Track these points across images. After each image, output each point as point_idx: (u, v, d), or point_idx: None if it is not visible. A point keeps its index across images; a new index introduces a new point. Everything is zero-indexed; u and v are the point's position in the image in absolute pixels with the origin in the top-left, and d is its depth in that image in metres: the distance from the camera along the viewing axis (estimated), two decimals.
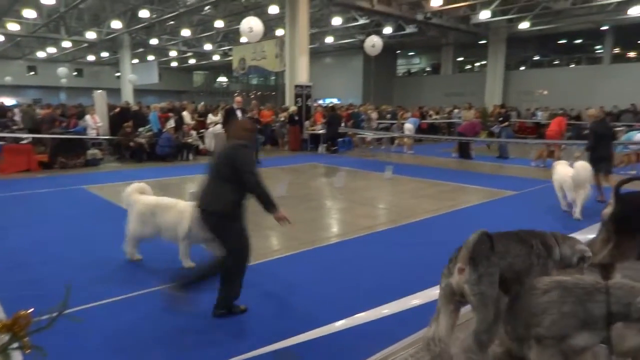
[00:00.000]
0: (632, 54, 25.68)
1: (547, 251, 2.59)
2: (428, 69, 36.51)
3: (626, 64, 25.24)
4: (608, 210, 3.47)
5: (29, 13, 20.70)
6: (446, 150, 15.59)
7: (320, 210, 7.44)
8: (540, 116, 22.53)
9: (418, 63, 37.43)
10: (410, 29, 24.84)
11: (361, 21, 24.01)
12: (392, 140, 17.66)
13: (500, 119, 14.92)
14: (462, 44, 31.25)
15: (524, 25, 23.65)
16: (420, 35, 27.05)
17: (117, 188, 9.06)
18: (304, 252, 5.10)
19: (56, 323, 1.40)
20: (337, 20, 22.96)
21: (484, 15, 21.70)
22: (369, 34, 21.60)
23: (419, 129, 19.72)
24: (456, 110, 22.82)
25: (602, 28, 24.93)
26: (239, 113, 10.94)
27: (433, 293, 2.93)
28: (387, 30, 24.95)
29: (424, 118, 21.39)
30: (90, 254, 5.02)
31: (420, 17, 21.66)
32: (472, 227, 6.29)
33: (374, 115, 18.67)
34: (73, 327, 1.48)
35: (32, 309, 1.36)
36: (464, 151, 14.07)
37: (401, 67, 37.71)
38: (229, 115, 11.05)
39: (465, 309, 2.65)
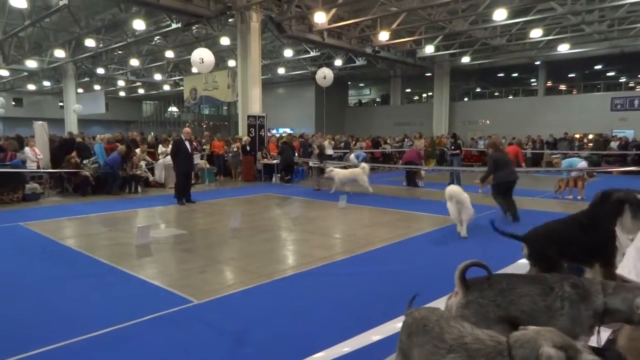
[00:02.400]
0: (562, 87, 27.83)
1: (579, 296, 2.29)
2: (378, 99, 37.78)
3: (557, 95, 27.29)
4: (525, 252, 3.60)
5: None
6: (397, 179, 15.97)
7: (275, 241, 7.33)
8: (483, 144, 23.70)
9: (368, 94, 38.67)
10: (360, 62, 25.74)
11: (312, 53, 24.62)
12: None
13: (452, 147, 15.55)
14: (409, 76, 32.72)
15: (465, 59, 25.19)
16: (370, 67, 28.09)
17: (58, 224, 8.56)
18: (260, 285, 4.96)
19: None
20: (288, 53, 23.40)
21: (429, 49, 22.93)
22: (320, 66, 22.16)
23: (373, 158, 20.18)
24: (406, 140, 23.60)
25: (536, 63, 26.98)
26: (187, 144, 10.73)
27: (393, 327, 2.91)
28: (338, 62, 25.73)
29: (377, 147, 21.94)
30: (27, 297, 4.63)
31: (369, 50, 22.54)
32: (428, 255, 6.45)
33: (326, 143, 18.88)
34: None
35: None
36: (411, 180, 14.49)
37: (352, 97, 38.80)
38: (177, 146, 10.80)
39: None
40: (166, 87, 35.70)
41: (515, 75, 29.58)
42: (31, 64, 25.54)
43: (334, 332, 3.66)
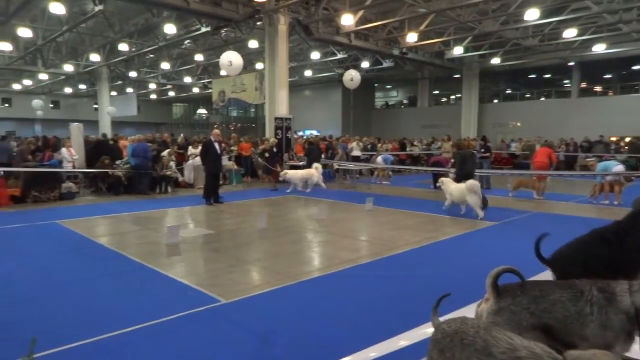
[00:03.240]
0: (597, 88, 26.91)
1: (607, 300, 2.20)
2: (405, 101, 37.43)
3: (592, 97, 26.41)
4: (552, 276, 3.48)
5: (5, 45, 20.52)
6: (424, 182, 15.79)
7: (301, 243, 7.36)
8: (515, 147, 23.19)
9: (395, 96, 38.37)
10: (387, 63, 25.58)
11: (339, 55, 24.62)
12: (372, 171, 17.83)
13: (482, 150, 15.28)
14: (437, 77, 32.31)
15: (496, 60, 24.68)
16: (397, 69, 27.89)
17: (92, 222, 8.84)
18: (286, 286, 4.99)
19: None
20: (315, 55, 23.48)
21: (457, 51, 22.57)
22: (347, 68, 22.16)
23: (399, 161, 20.03)
24: (434, 143, 23.32)
25: (569, 63, 26.18)
26: (216, 145, 10.92)
27: (421, 332, 2.87)
28: (365, 64, 25.64)
29: (403, 149, 21.77)
30: (63, 293, 4.80)
31: (396, 52, 22.37)
32: (456, 260, 6.35)
33: (354, 145, 18.84)
34: None
35: None
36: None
37: (379, 99, 38.58)
38: (206, 148, 11.00)
39: None
40: (195, 90, 36.38)
41: (547, 76, 28.79)
42: (68, 67, 26.51)
43: (360, 335, 3.65)
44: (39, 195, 11.10)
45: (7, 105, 39.31)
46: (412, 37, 18.98)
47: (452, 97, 33.63)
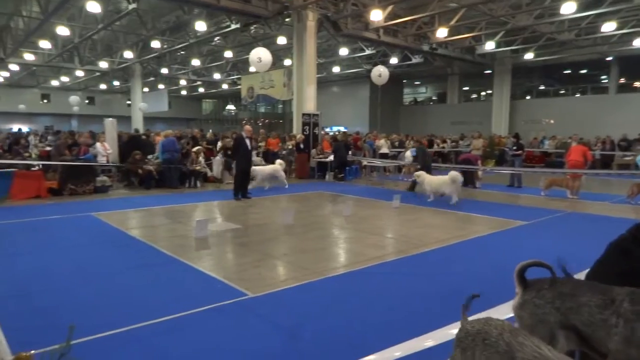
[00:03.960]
0: (638, 84, 25.80)
1: (636, 314, 2.05)
2: (434, 97, 36.89)
3: (632, 94, 25.33)
4: None
5: (44, 44, 21.30)
6: None
7: (327, 239, 7.37)
8: (548, 145, 22.51)
9: (424, 92, 37.86)
10: (416, 59, 25.25)
11: (368, 51, 24.44)
12: (399, 168, 17.68)
13: (514, 147, 14.94)
14: (467, 73, 31.67)
15: (529, 55, 24.01)
16: (426, 65, 27.48)
17: (125, 215, 9.10)
18: (313, 282, 5.02)
19: None
20: (344, 51, 23.38)
21: (489, 46, 22.04)
22: (375, 64, 21.97)
23: None
24: (461, 141, 22.91)
25: (607, 58, 25.20)
26: (247, 141, 11.05)
27: (448, 333, 2.82)
28: (394, 60, 25.37)
29: (431, 147, 21.49)
30: (97, 283, 4.97)
31: (426, 47, 22.04)
32: (486, 259, 6.23)
33: (382, 142, 18.72)
34: None
35: (33, 351, 1.32)
36: (468, 180, 14.03)
37: (407, 96, 38.15)
38: (238, 143, 11.15)
39: None
40: (225, 86, 36.86)
41: (583, 71, 27.78)
42: (103, 64, 27.31)
43: (385, 333, 3.63)
44: (75, 188, 11.50)
45: (46, 101, 40.87)
46: (442, 33, 18.66)
47: (483, 93, 32.91)
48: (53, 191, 11.29)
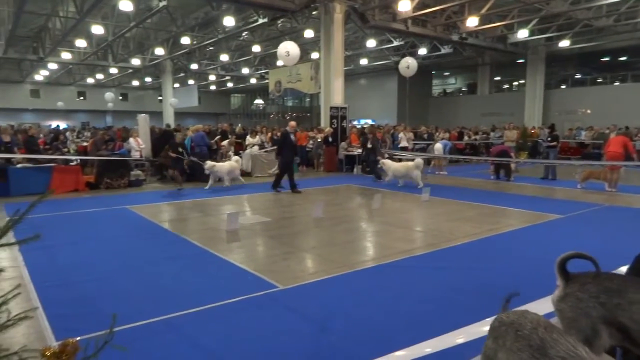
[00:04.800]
0: None
1: None
2: (464, 88, 36.15)
3: None
4: None
5: (81, 42, 22.01)
6: (483, 172, 15.25)
7: (356, 232, 7.38)
8: (584, 136, 21.73)
9: (454, 83, 37.14)
10: (445, 50, 24.76)
11: (396, 43, 24.13)
12: (428, 161, 17.44)
13: (549, 139, 14.53)
14: (499, 63, 30.84)
15: (564, 43, 23.14)
16: (456, 55, 26.93)
17: (158, 208, 9.36)
18: (342, 275, 5.04)
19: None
20: (371, 43, 23.17)
21: (522, 34, 21.39)
22: (403, 56, 21.70)
23: (456, 150, 19.45)
24: (492, 133, 22.39)
25: None
26: (292, 136, 11.37)
27: (479, 330, 2.77)
28: (422, 51, 24.98)
29: (461, 138, 21.10)
30: (134, 273, 5.15)
31: (455, 37, 21.58)
32: (519, 253, 6.11)
33: (401, 135, 18.44)
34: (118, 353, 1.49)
35: (79, 338, 1.38)
36: (504, 172, 13.72)
37: (436, 87, 37.52)
38: (284, 138, 11.39)
39: None
40: (253, 80, 37.17)
41: (623, 59, 26.58)
42: (135, 61, 28.00)
43: (415, 328, 3.62)
44: (110, 182, 11.89)
45: (82, 98, 42.28)
46: (472, 22, 18.22)
47: (515, 83, 32.00)
48: (90, 185, 11.71)
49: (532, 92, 27.15)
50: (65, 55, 26.03)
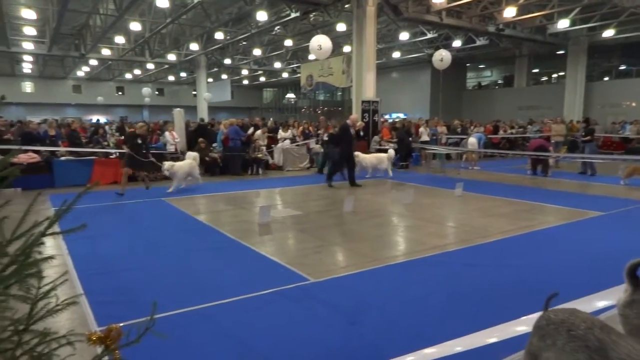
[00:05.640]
0: None
1: None
2: (500, 81, 35.16)
3: None
4: None
5: (119, 39, 22.71)
6: (519, 167, 14.83)
7: (387, 226, 7.34)
8: (629, 130, 20.76)
9: (489, 76, 36.18)
10: (481, 42, 24.12)
11: (429, 35, 23.70)
12: (461, 155, 17.12)
13: (583, 133, 13.98)
14: (537, 54, 29.80)
15: (608, 33, 22.09)
16: (492, 47, 26.20)
17: (192, 200, 9.59)
18: (373, 269, 5.04)
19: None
20: (404, 36, 22.84)
21: (563, 24, 20.57)
22: (437, 48, 21.27)
23: (491, 144, 19.00)
24: (529, 127, 21.71)
25: None
26: (352, 130, 11.36)
27: (513, 330, 2.70)
28: (457, 43, 24.42)
29: (496, 132, 20.58)
30: (169, 263, 5.31)
31: (492, 28, 20.99)
32: (556, 251, 5.93)
33: (422, 130, 18.13)
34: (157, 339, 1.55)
35: (122, 324, 1.45)
36: (541, 167, 13.30)
37: (471, 80, 36.66)
38: (343, 132, 11.40)
39: None
40: (284, 75, 37.37)
41: None
42: (171, 57, 28.67)
43: (447, 326, 3.59)
44: (147, 175, 12.23)
45: (120, 93, 43.70)
46: (510, 12, 17.66)
47: (554, 75, 30.85)
48: (129, 177, 12.07)
49: (573, 85, 26.10)
50: (105, 52, 26.94)
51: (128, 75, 39.22)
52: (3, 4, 16.58)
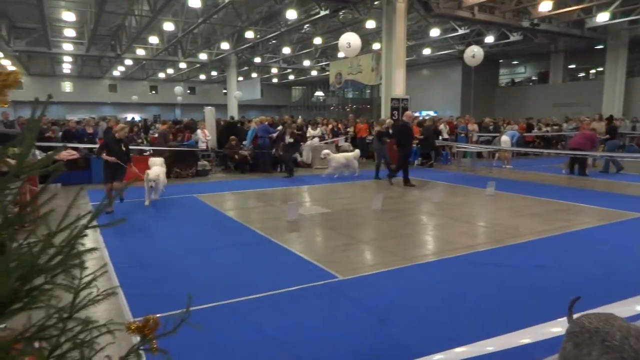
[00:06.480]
0: None
1: None
2: (534, 78, 34.15)
3: None
4: None
5: (153, 39, 23.30)
6: (554, 166, 14.38)
7: (416, 225, 7.27)
8: None
9: (523, 72, 35.20)
10: (514, 37, 23.49)
11: (461, 31, 23.24)
12: (493, 154, 16.73)
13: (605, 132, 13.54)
14: (574, 49, 28.78)
15: None
16: (526, 42, 25.46)
17: (223, 197, 9.76)
18: (402, 268, 5.00)
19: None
20: (435, 32, 22.49)
21: (602, 18, 19.78)
22: (468, 44, 20.84)
23: (524, 142, 18.51)
24: (565, 124, 21.00)
25: None
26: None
27: (546, 331, 2.63)
28: (489, 39, 23.86)
29: (530, 130, 20.04)
30: (201, 258, 5.43)
31: (526, 23, 20.37)
32: (592, 253, 5.76)
33: (442, 127, 17.79)
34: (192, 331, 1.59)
35: (159, 315, 1.49)
36: (579, 167, 12.83)
37: (504, 76, 35.76)
38: (404, 129, 11.30)
39: None
40: (313, 73, 37.45)
41: None
42: (202, 56, 29.19)
43: (477, 326, 3.54)
44: (179, 172, 12.55)
45: (154, 92, 44.85)
46: (546, 6, 17.11)
47: (592, 71, 29.71)
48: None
49: (612, 81, 25.06)
50: (140, 52, 27.70)
51: (161, 75, 40.19)
52: (45, 6, 17.25)
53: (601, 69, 26.82)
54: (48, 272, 1.22)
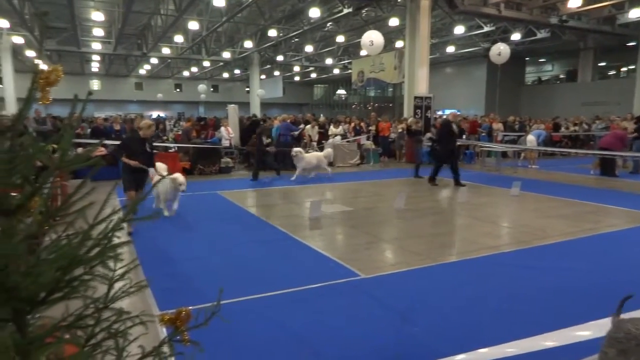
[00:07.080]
0: None
1: None
2: (562, 76, 33.29)
3: None
4: None
5: (178, 38, 23.67)
6: (582, 167, 14.02)
7: (439, 225, 7.20)
8: None
9: (550, 70, 34.38)
10: (542, 34, 22.95)
11: (486, 29, 22.85)
12: (518, 153, 16.42)
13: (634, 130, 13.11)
14: (604, 47, 27.94)
15: None
16: (554, 40, 24.85)
17: (245, 194, 9.86)
18: (424, 268, 4.97)
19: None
20: (459, 29, 22.17)
21: (634, 14, 19.14)
22: (494, 42, 20.47)
23: (551, 142, 18.12)
24: (596, 123, 20.42)
25: None
26: (454, 126, 11.23)
27: (572, 335, 2.57)
28: (515, 36, 23.38)
29: (557, 130, 19.58)
30: (224, 254, 5.51)
31: (554, 20, 19.88)
32: (622, 255, 5.61)
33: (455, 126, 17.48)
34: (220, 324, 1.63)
35: (191, 307, 1.53)
36: (607, 168, 12.47)
37: (530, 74, 35.01)
38: (446, 128, 11.26)
39: None
40: (336, 71, 37.42)
41: None
42: (226, 55, 29.50)
43: (501, 328, 3.49)
44: (203, 169, 12.74)
45: (178, 90, 45.60)
46: (575, 2, 16.68)
47: (623, 69, 28.79)
48: (185, 171, 12.61)
49: None
50: (165, 51, 28.20)
51: (185, 73, 40.79)
52: (74, 6, 17.71)
53: (633, 67, 25.95)
54: (87, 263, 1.27)
